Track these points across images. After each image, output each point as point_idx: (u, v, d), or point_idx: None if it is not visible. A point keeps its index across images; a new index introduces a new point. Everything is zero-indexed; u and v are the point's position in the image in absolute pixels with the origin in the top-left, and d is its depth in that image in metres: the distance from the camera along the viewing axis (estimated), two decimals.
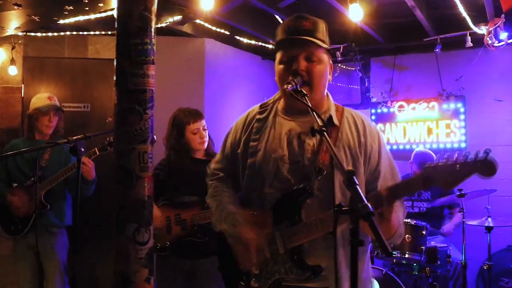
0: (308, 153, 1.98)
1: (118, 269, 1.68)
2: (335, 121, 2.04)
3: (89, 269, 4.75)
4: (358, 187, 1.55)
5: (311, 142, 2.00)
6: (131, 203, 1.65)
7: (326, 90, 2.10)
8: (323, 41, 2.01)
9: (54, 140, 3.57)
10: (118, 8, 1.73)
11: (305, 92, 1.89)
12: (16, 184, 3.89)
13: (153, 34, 1.84)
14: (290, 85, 1.89)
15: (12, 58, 4.68)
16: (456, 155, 1.68)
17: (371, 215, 1.48)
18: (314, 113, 1.76)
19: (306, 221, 1.93)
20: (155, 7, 1.81)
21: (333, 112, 2.07)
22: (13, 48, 4.68)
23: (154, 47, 1.85)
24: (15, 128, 4.83)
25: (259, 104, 2.20)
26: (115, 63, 1.72)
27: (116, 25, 1.73)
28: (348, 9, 4.13)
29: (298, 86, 1.91)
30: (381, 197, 1.78)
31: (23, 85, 4.90)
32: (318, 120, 1.76)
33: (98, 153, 3.64)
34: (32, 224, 3.82)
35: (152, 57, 1.82)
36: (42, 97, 4.00)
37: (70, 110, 4.89)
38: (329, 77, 2.08)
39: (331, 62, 2.09)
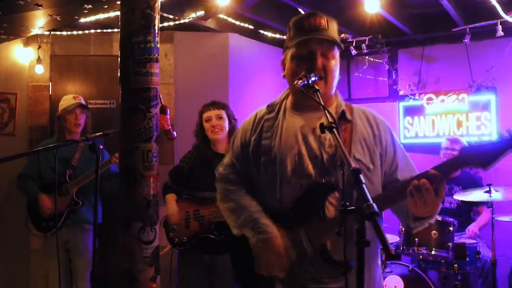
0: (326, 148, 1.96)
1: (123, 268, 1.69)
2: (348, 115, 2.03)
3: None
4: (364, 185, 1.52)
5: (328, 136, 1.96)
6: (135, 202, 1.66)
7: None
8: (337, 39, 2.02)
9: None
10: (121, 6, 1.73)
11: (317, 88, 1.87)
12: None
13: (156, 31, 1.82)
14: (300, 81, 1.87)
15: (39, 57, 4.76)
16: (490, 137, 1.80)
17: (375, 215, 1.45)
18: (324, 108, 1.74)
19: (332, 217, 1.90)
20: (158, 4, 1.79)
21: (344, 107, 2.06)
22: (39, 47, 4.77)
23: (158, 45, 1.84)
24: (44, 126, 4.93)
25: (266, 105, 2.17)
26: (118, 61, 1.73)
27: (119, 23, 1.73)
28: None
29: (310, 82, 1.89)
30: (432, 176, 1.80)
31: (50, 83, 4.99)
32: (328, 116, 1.74)
33: None
34: (63, 221, 3.89)
35: (156, 55, 1.81)
36: (67, 98, 4.13)
37: (96, 107, 4.96)
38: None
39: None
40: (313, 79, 1.90)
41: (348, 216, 1.78)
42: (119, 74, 1.74)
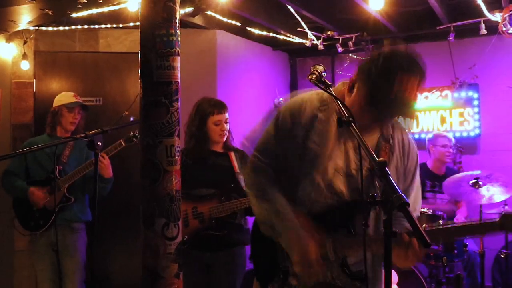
0: (363, 170, 1.92)
1: (146, 265, 1.66)
2: (390, 140, 2.08)
3: (104, 266, 4.76)
4: (391, 177, 1.55)
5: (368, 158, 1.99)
6: (159, 197, 1.63)
7: None
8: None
9: None
10: None
11: (329, 83, 1.92)
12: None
13: (177, 24, 1.80)
14: (314, 75, 1.90)
15: (24, 52, 4.65)
16: None
17: (406, 205, 1.48)
18: (337, 99, 1.79)
19: (361, 238, 1.89)
20: None
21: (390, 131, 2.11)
22: (25, 42, 4.65)
23: (179, 38, 1.82)
24: (28, 123, 4.81)
25: (315, 97, 2.06)
26: (139, 55, 1.69)
27: (139, 16, 1.70)
28: None
29: (320, 75, 1.93)
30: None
31: (35, 79, 4.87)
32: (345, 111, 1.78)
33: (124, 144, 3.65)
34: (53, 219, 3.80)
35: (177, 48, 1.79)
36: (68, 95, 4.01)
37: None
38: None
39: None
40: (324, 74, 1.95)
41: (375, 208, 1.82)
42: (139, 68, 1.70)
